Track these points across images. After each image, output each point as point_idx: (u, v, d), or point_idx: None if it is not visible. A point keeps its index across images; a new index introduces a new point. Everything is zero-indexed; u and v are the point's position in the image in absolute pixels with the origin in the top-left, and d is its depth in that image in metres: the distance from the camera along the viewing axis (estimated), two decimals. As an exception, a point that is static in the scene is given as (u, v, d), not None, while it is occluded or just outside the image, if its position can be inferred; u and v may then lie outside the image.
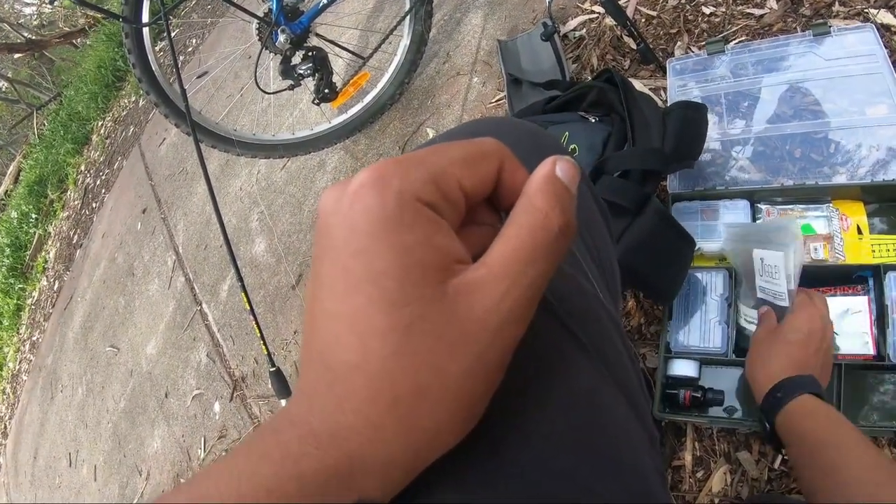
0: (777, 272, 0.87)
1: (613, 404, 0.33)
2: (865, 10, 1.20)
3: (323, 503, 0.21)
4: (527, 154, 0.26)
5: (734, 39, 1.31)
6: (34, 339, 3.70)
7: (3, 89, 7.45)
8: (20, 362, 3.79)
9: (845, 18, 1.22)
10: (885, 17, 1.18)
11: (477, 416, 0.24)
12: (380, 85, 1.81)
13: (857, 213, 1.01)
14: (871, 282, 0.96)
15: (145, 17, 1.42)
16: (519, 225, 0.23)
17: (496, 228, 0.24)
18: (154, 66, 1.49)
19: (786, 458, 0.91)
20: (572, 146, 1.02)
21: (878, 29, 1.13)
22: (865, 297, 0.95)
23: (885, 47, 1.12)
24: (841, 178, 1.03)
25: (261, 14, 1.53)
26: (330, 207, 0.23)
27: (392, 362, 0.21)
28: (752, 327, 0.96)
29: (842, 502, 0.55)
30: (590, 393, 0.31)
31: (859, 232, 0.99)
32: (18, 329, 4.10)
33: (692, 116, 1.00)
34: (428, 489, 0.25)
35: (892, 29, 1.17)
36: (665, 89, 1.29)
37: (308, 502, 0.21)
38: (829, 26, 1.16)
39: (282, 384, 1.24)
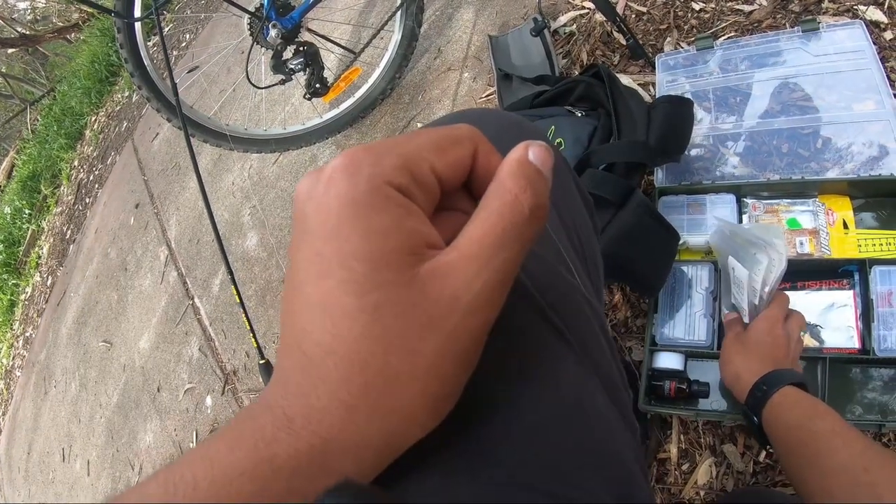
0: (741, 288, 0.86)
1: (595, 396, 0.33)
2: (854, 7, 1.20)
3: (297, 486, 0.21)
4: (510, 144, 0.26)
5: (723, 35, 1.31)
6: (27, 334, 3.69)
7: (-3, 84, 7.41)
8: (13, 358, 3.78)
9: (834, 15, 1.22)
10: (874, 13, 1.19)
11: (451, 398, 0.24)
12: (371, 80, 1.81)
13: (843, 208, 1.01)
14: (856, 276, 0.96)
15: (137, 12, 1.42)
16: (490, 209, 0.24)
17: (471, 214, 0.25)
18: (146, 61, 1.48)
19: (772, 452, 0.92)
20: (558, 140, 1.02)
21: (866, 25, 1.14)
22: (851, 292, 0.96)
23: (874, 44, 1.12)
24: (828, 174, 1.04)
25: (252, 9, 1.52)
26: (305, 194, 0.23)
27: (362, 344, 0.21)
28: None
29: (829, 489, 0.55)
30: (572, 385, 0.31)
31: (845, 227, 1.00)
32: (12, 325, 4.09)
33: (678, 111, 1.01)
34: (413, 475, 0.25)
35: (882, 25, 1.17)
36: (654, 85, 1.30)
37: (282, 485, 0.21)
38: (818, 23, 1.17)
39: (271, 377, 1.24)
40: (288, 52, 1.62)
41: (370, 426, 0.22)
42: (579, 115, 1.06)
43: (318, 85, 1.68)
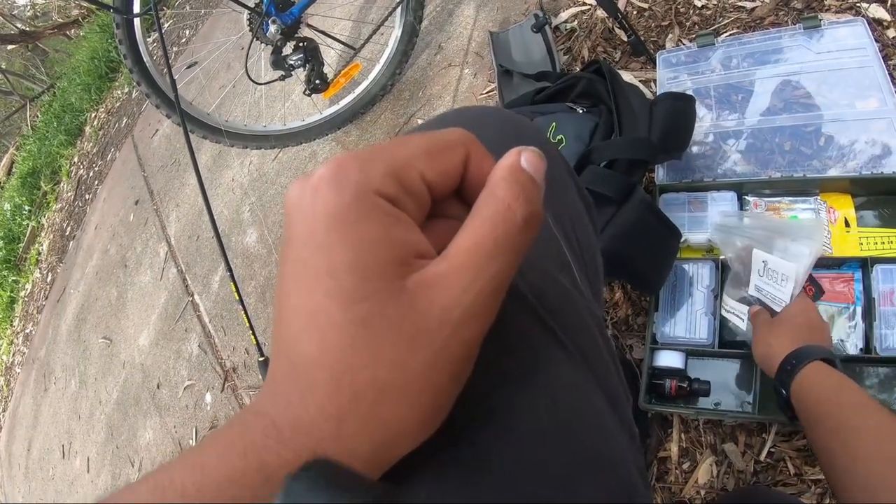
0: (784, 281, 0.87)
1: (592, 400, 0.32)
2: (857, 4, 1.19)
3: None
4: (507, 146, 0.25)
5: (725, 32, 1.31)
6: (27, 331, 3.69)
7: (-3, 80, 7.40)
8: (13, 354, 3.78)
9: (837, 12, 1.21)
10: (876, 10, 1.18)
11: (443, 411, 0.24)
12: (371, 76, 1.80)
13: (844, 206, 1.01)
14: (858, 274, 0.96)
15: (136, 8, 1.41)
16: (482, 217, 0.23)
17: (463, 221, 0.24)
18: (145, 57, 1.48)
19: (799, 427, 0.92)
20: (559, 136, 1.02)
21: (869, 23, 1.13)
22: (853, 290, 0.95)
23: (877, 41, 1.12)
24: (830, 172, 1.03)
25: (252, 5, 1.52)
26: (293, 202, 0.23)
27: (351, 356, 0.21)
28: (734, 318, 0.97)
29: (857, 459, 0.56)
30: (569, 389, 0.31)
31: (847, 225, 1.00)
32: (12, 321, 4.09)
33: (680, 107, 1.00)
34: (406, 484, 0.25)
35: (885, 23, 1.17)
36: (655, 81, 1.29)
37: (271, 493, 0.20)
38: (820, 20, 1.16)
39: (264, 383, 1.24)
40: (288, 48, 1.61)
41: (359, 438, 0.22)
42: (580, 111, 1.05)
43: (317, 81, 1.67)
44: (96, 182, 3.63)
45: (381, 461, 0.23)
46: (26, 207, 4.60)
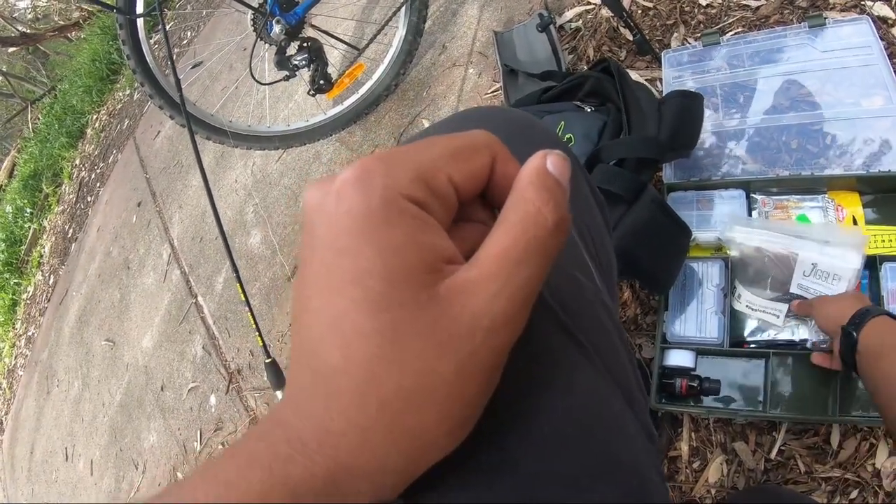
0: (837, 281, 0.92)
1: (611, 402, 0.32)
2: (862, 2, 1.19)
3: None
4: (521, 146, 0.25)
5: (731, 31, 1.31)
6: (30, 333, 3.69)
7: (-2, 83, 7.40)
8: (16, 357, 3.78)
9: (842, 10, 1.21)
10: (881, 9, 1.18)
11: (471, 420, 0.23)
12: (375, 76, 1.80)
13: (852, 204, 1.01)
14: (866, 272, 0.96)
15: (140, 9, 1.41)
16: (511, 222, 0.23)
17: (491, 226, 0.23)
18: (149, 58, 1.48)
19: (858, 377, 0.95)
20: (568, 135, 1.02)
21: (874, 21, 1.13)
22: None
23: (882, 39, 1.12)
24: (837, 170, 1.03)
25: (256, 5, 1.52)
26: (314, 205, 0.22)
27: (377, 365, 0.20)
28: (769, 317, 0.97)
29: None
30: (588, 392, 0.31)
31: (854, 223, 0.99)
32: (14, 324, 4.09)
33: (688, 105, 1.00)
34: (433, 492, 0.24)
35: (890, 21, 1.17)
36: (661, 80, 1.29)
37: None
38: (825, 18, 1.16)
39: (277, 376, 1.24)
40: (292, 48, 1.61)
41: (386, 449, 0.21)
42: (589, 110, 1.05)
43: (321, 81, 1.67)
44: (98, 184, 3.63)
45: (409, 471, 0.23)
46: (28, 210, 4.60)
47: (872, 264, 0.94)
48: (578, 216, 0.44)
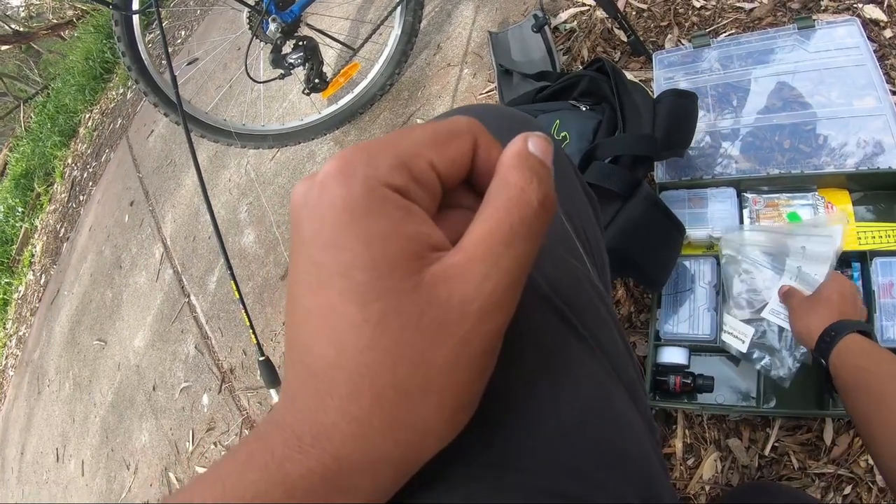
0: (823, 259, 0.93)
1: (615, 395, 0.32)
2: (854, 5, 1.21)
3: None
4: (510, 138, 0.25)
5: (724, 33, 1.31)
6: (21, 333, 3.66)
7: (-10, 82, 7.33)
8: (6, 357, 3.75)
9: (834, 13, 1.23)
10: (872, 11, 1.19)
11: (469, 408, 0.23)
12: (370, 75, 1.80)
13: (842, 202, 1.02)
14: (857, 265, 0.97)
15: (135, 5, 1.41)
16: (495, 205, 0.22)
17: (476, 210, 0.23)
18: (144, 55, 1.47)
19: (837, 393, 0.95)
20: (563, 133, 1.02)
21: (865, 23, 1.14)
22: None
23: (874, 41, 1.13)
24: (828, 168, 1.04)
25: (252, 3, 1.52)
26: (300, 201, 0.22)
27: (369, 357, 0.20)
28: (734, 342, 0.98)
29: (890, 423, 0.59)
30: (592, 384, 0.31)
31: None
32: (5, 324, 4.05)
33: (683, 104, 1.01)
34: (436, 488, 0.24)
35: (881, 23, 1.18)
36: (653, 81, 1.30)
37: None
38: (814, 20, 1.17)
39: (271, 374, 1.23)
40: (287, 47, 1.61)
41: (384, 442, 0.21)
42: (583, 108, 1.06)
43: (316, 80, 1.67)
44: (91, 183, 3.61)
45: (409, 464, 0.23)
46: (19, 209, 4.57)
47: (863, 260, 0.95)
48: (571, 210, 0.44)
